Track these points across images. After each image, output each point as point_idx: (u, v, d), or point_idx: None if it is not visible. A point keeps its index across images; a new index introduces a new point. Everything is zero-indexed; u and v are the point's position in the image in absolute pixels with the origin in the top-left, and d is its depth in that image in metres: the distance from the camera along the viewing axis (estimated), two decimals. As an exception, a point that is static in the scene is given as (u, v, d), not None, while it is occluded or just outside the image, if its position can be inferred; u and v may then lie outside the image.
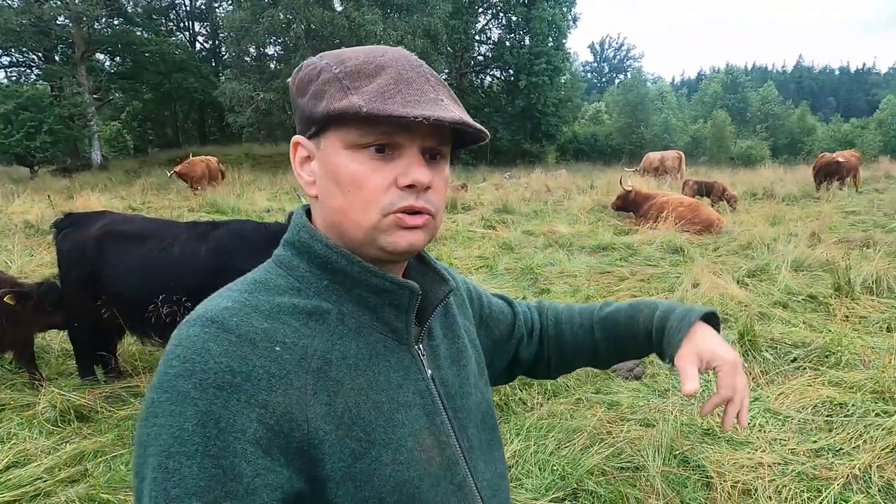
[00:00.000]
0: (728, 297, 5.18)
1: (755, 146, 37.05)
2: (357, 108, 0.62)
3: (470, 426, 0.77)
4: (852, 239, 7.37)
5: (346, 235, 0.69)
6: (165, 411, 0.55)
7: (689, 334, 0.87)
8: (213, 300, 0.65)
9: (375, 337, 0.69)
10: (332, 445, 0.59)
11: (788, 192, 13.36)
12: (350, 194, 0.66)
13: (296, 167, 0.72)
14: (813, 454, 2.88)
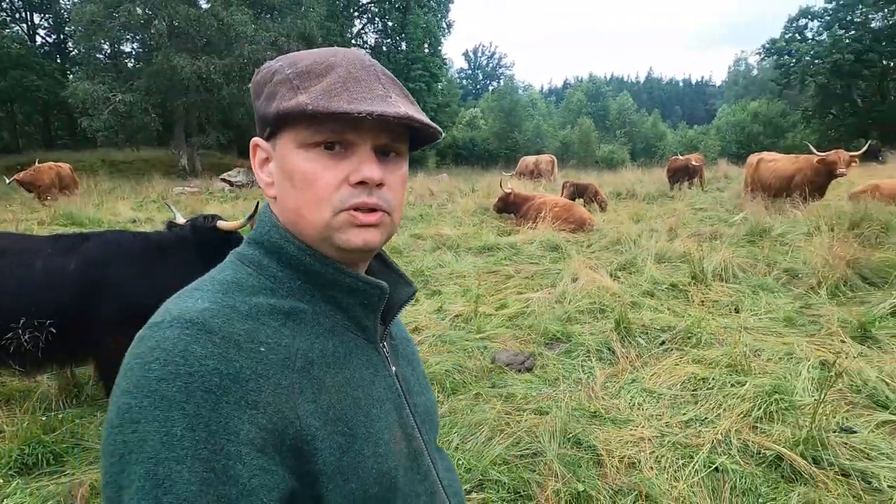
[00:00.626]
0: (603, 290, 5.61)
1: (616, 150, 40.34)
2: (303, 107, 0.63)
3: (426, 421, 0.81)
4: (702, 232, 8.28)
5: (303, 234, 0.70)
6: (149, 417, 0.53)
7: None
8: (183, 301, 0.63)
9: (348, 336, 0.70)
10: (323, 441, 0.60)
11: (647, 192, 14.70)
12: (303, 192, 0.67)
13: (256, 169, 0.73)
14: (684, 425, 3.22)
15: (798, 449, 2.81)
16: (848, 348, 3.94)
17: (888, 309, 4.68)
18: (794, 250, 6.66)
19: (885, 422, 3.12)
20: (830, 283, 5.35)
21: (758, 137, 37.80)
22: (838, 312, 4.67)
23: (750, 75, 71.12)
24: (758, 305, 5.12)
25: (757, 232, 7.75)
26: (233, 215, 11.77)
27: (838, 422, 3.09)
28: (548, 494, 2.60)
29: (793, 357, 3.93)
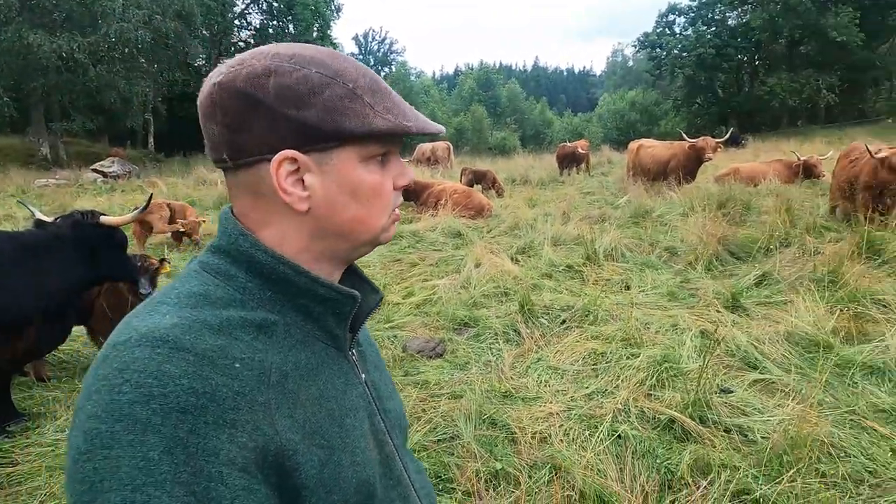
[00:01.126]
0: (506, 273, 5.81)
1: (508, 137, 41.62)
2: (406, 128, 0.68)
3: (396, 427, 0.81)
4: (592, 215, 8.80)
5: (356, 240, 0.72)
6: (122, 441, 0.49)
7: None
8: (149, 317, 0.58)
9: (318, 346, 0.69)
10: (304, 455, 0.59)
11: (539, 178, 15.34)
12: (371, 203, 0.70)
13: (280, 182, 0.65)
14: (587, 398, 3.43)
15: (687, 411, 3.10)
16: (723, 317, 4.39)
17: (753, 280, 5.26)
18: (672, 230, 7.27)
19: (756, 381, 3.52)
20: (705, 258, 5.91)
21: (635, 125, 40.64)
22: (713, 285, 5.17)
23: (627, 66, 76.03)
24: (645, 282, 5.54)
25: (640, 213, 8.36)
26: (109, 208, 10.83)
27: (718, 384, 3.44)
28: (468, 475, 2.68)
29: (677, 328, 4.31)
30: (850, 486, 2.53)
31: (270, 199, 0.67)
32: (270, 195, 0.66)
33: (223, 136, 0.66)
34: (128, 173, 17.42)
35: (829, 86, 31.64)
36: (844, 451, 2.74)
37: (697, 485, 2.58)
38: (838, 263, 5.06)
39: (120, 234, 3.53)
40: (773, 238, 6.27)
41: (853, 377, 3.44)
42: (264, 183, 0.66)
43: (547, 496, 2.54)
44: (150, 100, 27.03)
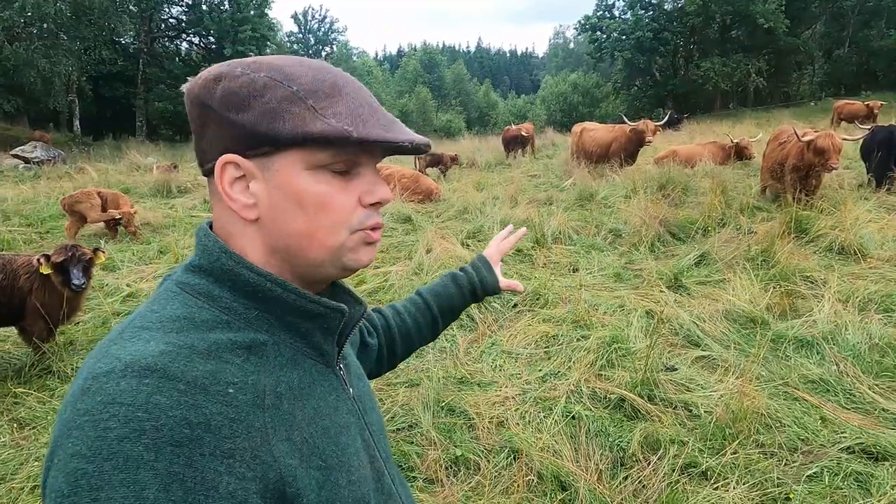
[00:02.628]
0: (456, 258, 5.84)
1: (453, 119, 41.57)
2: (346, 134, 0.61)
3: (381, 438, 0.80)
4: (539, 199, 8.93)
5: (305, 258, 0.66)
6: (113, 482, 0.46)
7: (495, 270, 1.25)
8: (132, 344, 0.55)
9: (308, 363, 0.67)
10: (303, 479, 0.57)
11: (486, 160, 15.42)
12: (317, 216, 0.64)
13: (224, 188, 0.63)
14: (541, 381, 3.52)
15: (636, 390, 3.23)
16: (666, 297, 4.57)
17: (692, 260, 5.49)
18: (616, 212, 7.48)
19: (698, 358, 3.70)
20: (647, 240, 6.12)
21: (577, 107, 41.35)
22: (655, 266, 5.37)
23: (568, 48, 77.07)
24: (592, 264, 5.70)
25: (585, 196, 8.55)
26: (34, 198, 10.16)
27: (663, 362, 3.59)
28: (428, 463, 2.71)
29: (624, 309, 4.47)
30: (785, 454, 2.71)
31: (226, 207, 0.66)
32: (225, 204, 0.66)
33: (195, 143, 0.67)
34: (53, 159, 16.33)
35: (757, 70, 33.12)
36: (780, 422, 2.93)
37: (648, 460, 2.70)
38: (770, 243, 5.36)
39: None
40: (710, 219, 6.56)
41: (785, 351, 3.67)
42: (218, 190, 0.65)
43: (507, 479, 2.61)
44: (74, 79, 25.41)
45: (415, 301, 1.18)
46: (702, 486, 2.51)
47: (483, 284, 1.21)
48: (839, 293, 4.36)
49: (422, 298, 1.18)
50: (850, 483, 2.51)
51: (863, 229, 5.71)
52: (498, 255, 1.27)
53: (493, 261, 1.26)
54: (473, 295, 1.21)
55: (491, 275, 1.22)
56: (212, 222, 0.72)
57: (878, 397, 3.09)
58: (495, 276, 1.23)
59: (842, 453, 2.69)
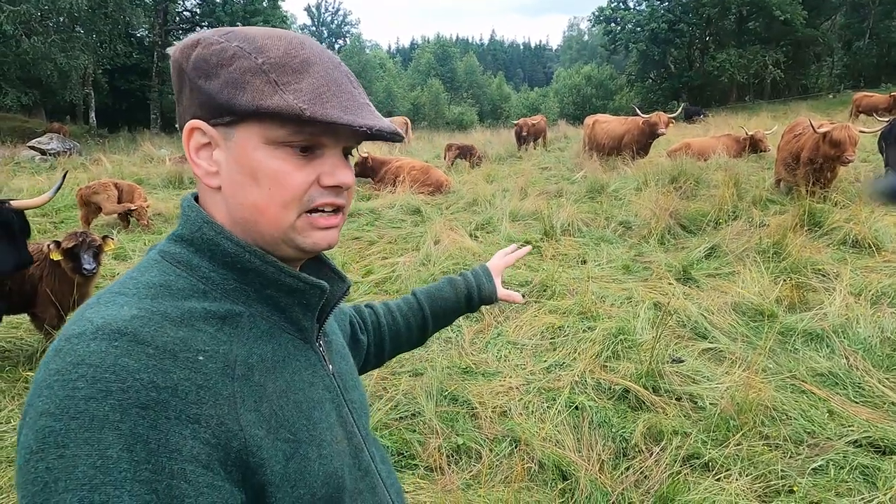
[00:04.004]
0: (465, 250, 5.84)
1: (466, 112, 41.41)
2: (298, 111, 0.60)
3: (362, 416, 0.80)
4: (549, 191, 8.89)
5: (260, 233, 0.66)
6: (78, 440, 0.48)
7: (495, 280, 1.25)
8: (106, 308, 0.56)
9: (285, 337, 0.67)
10: (268, 450, 0.58)
11: (497, 153, 15.35)
12: (270, 192, 0.64)
13: (190, 154, 0.65)
14: (545, 371, 3.51)
15: (641, 381, 3.21)
16: (674, 289, 4.53)
17: (703, 252, 5.44)
18: (626, 204, 7.42)
19: (705, 350, 3.66)
20: (657, 232, 6.07)
21: (591, 99, 40.98)
22: (665, 258, 5.33)
23: (582, 40, 76.39)
24: (600, 256, 5.66)
25: (596, 188, 8.49)
26: (49, 188, 10.27)
27: (669, 354, 3.57)
28: (430, 451, 2.71)
29: (632, 300, 4.44)
30: (790, 446, 2.68)
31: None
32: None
33: (176, 109, 0.69)
34: (69, 150, 16.53)
35: (774, 61, 32.59)
36: (786, 414, 2.90)
37: (650, 451, 2.69)
38: (782, 235, 5.28)
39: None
40: (722, 211, 6.48)
41: (794, 344, 3.62)
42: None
43: (508, 468, 2.60)
44: (90, 73, 25.66)
45: (408, 301, 1.18)
46: (704, 478, 2.49)
47: (480, 291, 1.21)
48: (851, 286, 4.29)
49: (415, 299, 1.18)
50: (855, 476, 2.48)
51: (878, 223, 5.61)
52: (502, 267, 1.28)
53: (495, 271, 1.26)
54: (469, 301, 1.20)
55: (490, 283, 1.23)
56: (197, 194, 0.73)
57: (888, 391, 3.05)
58: (494, 286, 1.23)
59: (848, 446, 2.66)
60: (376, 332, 1.12)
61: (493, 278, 1.24)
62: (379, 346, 1.13)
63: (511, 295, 1.25)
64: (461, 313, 1.22)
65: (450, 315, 1.20)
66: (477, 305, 1.22)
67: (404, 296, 1.20)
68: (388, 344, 1.13)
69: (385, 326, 1.13)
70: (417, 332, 1.17)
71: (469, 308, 1.21)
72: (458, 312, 1.21)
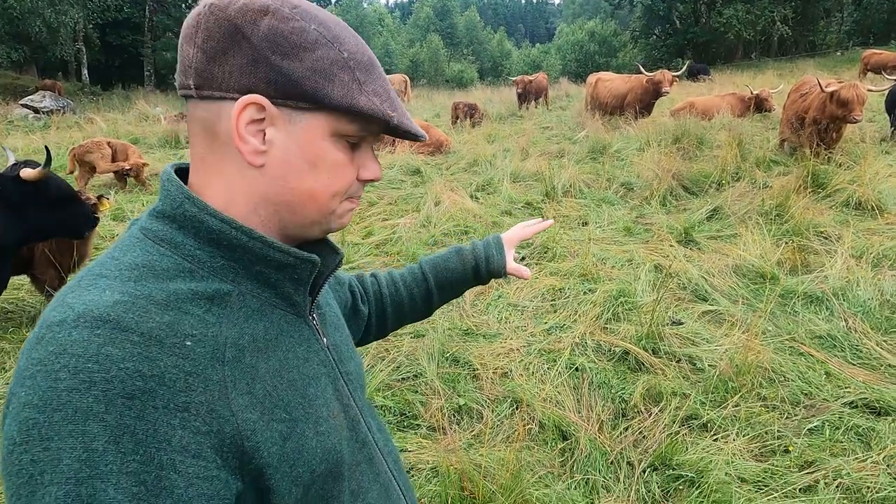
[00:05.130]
0: (465, 211, 5.80)
1: (465, 69, 40.58)
2: (387, 117, 0.64)
3: (358, 387, 0.79)
4: (550, 151, 8.78)
5: (300, 215, 0.66)
6: (62, 433, 0.46)
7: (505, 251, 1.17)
8: (86, 293, 0.53)
9: (277, 314, 0.65)
10: (263, 433, 0.56)
11: (498, 112, 15.11)
12: (328, 181, 0.65)
13: (240, 128, 0.60)
14: (546, 333, 3.53)
15: (640, 343, 3.24)
16: (675, 251, 4.52)
17: (704, 214, 5.41)
18: (629, 165, 7.34)
19: (705, 312, 3.68)
20: (659, 193, 6.02)
21: (593, 56, 40.12)
22: (666, 220, 5.30)
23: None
24: (601, 218, 5.64)
25: (598, 149, 8.38)
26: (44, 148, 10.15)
27: (669, 316, 3.58)
28: (432, 412, 2.75)
29: (632, 263, 4.43)
30: (787, 408, 2.72)
31: (225, 144, 0.62)
32: (226, 140, 0.61)
33: (197, 61, 0.61)
34: (62, 108, 16.26)
35: (782, 17, 31.76)
36: (783, 376, 2.93)
37: (649, 412, 2.73)
38: (785, 197, 5.25)
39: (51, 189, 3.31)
40: (725, 172, 6.42)
41: (794, 306, 3.64)
42: (222, 124, 0.61)
43: (509, 428, 2.65)
44: (80, 27, 25.00)
45: (413, 271, 1.14)
46: (702, 438, 2.54)
47: (488, 264, 1.15)
48: (853, 249, 4.29)
49: (420, 269, 1.14)
50: (850, 437, 2.52)
51: (882, 184, 5.57)
52: (516, 240, 1.21)
53: (509, 243, 1.19)
54: (476, 273, 1.15)
55: (499, 256, 1.16)
56: (177, 166, 0.69)
57: (885, 353, 3.07)
58: (503, 259, 1.16)
59: (844, 408, 2.70)
60: (378, 303, 1.10)
61: (503, 250, 1.17)
62: (381, 317, 1.10)
63: (519, 270, 1.18)
64: (469, 285, 1.17)
65: (457, 286, 1.16)
66: (486, 278, 1.16)
67: (409, 265, 1.16)
68: (390, 315, 1.11)
69: (387, 297, 1.10)
70: (422, 304, 1.14)
71: (477, 280, 1.16)
72: (465, 284, 1.16)
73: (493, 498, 2.13)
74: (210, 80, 0.60)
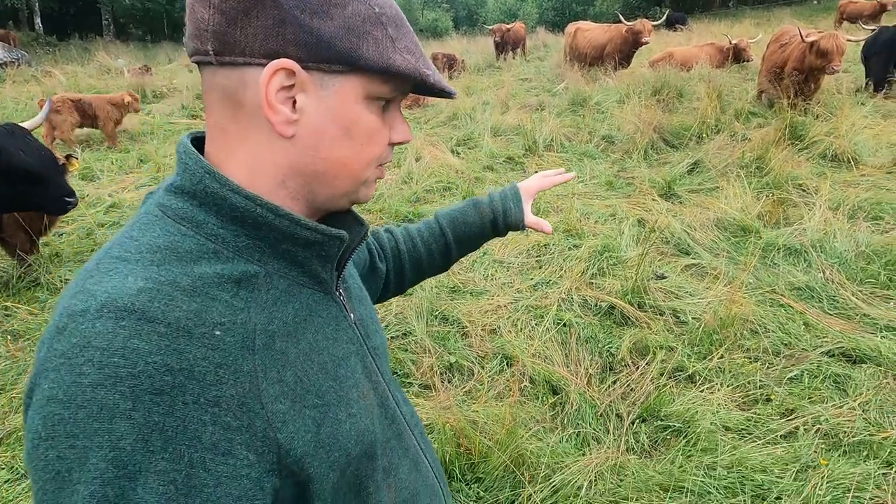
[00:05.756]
0: (447, 167, 5.74)
1: (440, 17, 39.43)
2: (423, 76, 0.60)
3: (384, 361, 0.77)
4: (530, 104, 8.65)
5: (332, 186, 0.62)
6: (88, 431, 0.44)
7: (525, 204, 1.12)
8: (109, 279, 0.49)
9: (305, 293, 0.61)
10: (296, 422, 0.54)
11: (475, 63, 14.78)
12: (361, 147, 0.61)
13: (269, 96, 0.55)
14: (532, 289, 3.56)
15: (626, 298, 3.29)
16: (658, 205, 4.55)
17: (685, 168, 5.44)
18: (609, 118, 7.29)
19: (688, 265, 3.74)
20: (640, 147, 6.01)
21: (571, 5, 39.21)
22: (648, 174, 5.31)
23: (562, -62, 71.89)
24: (584, 172, 5.62)
25: (578, 101, 8.29)
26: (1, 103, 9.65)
27: (653, 270, 3.63)
28: (423, 370, 2.77)
29: (616, 217, 4.46)
30: (769, 358, 2.80)
31: (250, 114, 0.57)
32: (252, 109, 0.56)
33: (215, 24, 0.55)
34: (16, 61, 15.39)
35: (761, -37, 31.34)
36: (764, 327, 3.01)
37: (636, 365, 2.79)
38: (764, 150, 5.29)
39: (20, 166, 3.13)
40: (705, 125, 6.42)
41: (774, 259, 3.71)
42: (248, 92, 0.56)
43: (501, 384, 2.68)
44: (29, -29, 23.51)
45: (430, 226, 1.10)
46: (688, 389, 2.61)
47: (506, 216, 1.09)
48: (830, 201, 4.37)
49: (437, 224, 1.10)
50: (828, 384, 2.62)
51: (857, 136, 5.64)
52: (534, 190, 1.14)
53: (527, 194, 1.13)
54: (494, 226, 1.10)
55: (517, 208, 1.10)
56: (194, 134, 0.64)
57: (860, 303, 3.17)
58: (521, 212, 1.11)
59: (822, 357, 2.79)
60: (396, 260, 1.06)
61: (521, 202, 1.11)
62: (399, 275, 1.07)
63: (539, 223, 1.11)
64: (488, 238, 1.12)
65: (475, 240, 1.11)
66: (504, 231, 1.12)
67: (425, 219, 1.12)
68: (408, 272, 1.08)
69: (405, 253, 1.07)
70: (440, 259, 1.10)
71: (495, 233, 1.12)
72: (483, 237, 1.12)
73: (490, 453, 2.17)
74: (231, 44, 0.54)
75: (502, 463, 2.14)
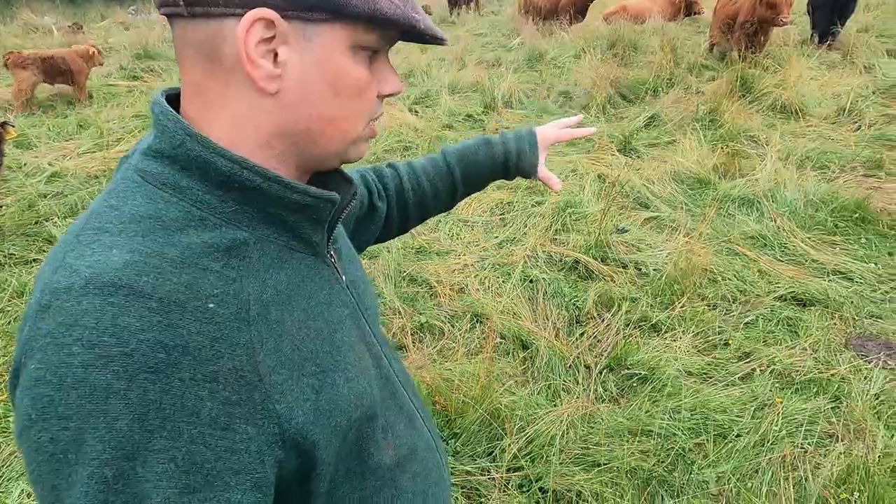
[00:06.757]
0: (406, 126, 5.63)
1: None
2: (413, 22, 0.56)
3: (376, 321, 0.75)
4: (486, 60, 8.54)
5: (319, 145, 0.58)
6: (81, 412, 0.42)
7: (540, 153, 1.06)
8: (91, 253, 0.46)
9: (296, 258, 0.59)
10: (294, 391, 0.52)
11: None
12: (349, 102, 0.56)
13: (248, 49, 0.50)
14: (498, 247, 3.58)
15: (590, 252, 3.35)
16: (617, 160, 4.61)
17: (643, 122, 5.50)
18: (566, 73, 7.27)
19: (647, 219, 3.83)
20: (598, 102, 6.04)
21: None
22: (607, 129, 5.35)
23: None
24: (543, 129, 5.61)
25: (534, 56, 8.21)
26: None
27: (615, 224, 3.70)
28: (394, 331, 2.78)
29: (577, 173, 4.49)
30: (726, 304, 2.93)
31: (230, 69, 0.52)
32: (231, 64, 0.52)
33: None
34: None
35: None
36: (722, 276, 3.13)
37: (602, 317, 2.87)
38: (717, 103, 5.39)
39: None
40: (660, 79, 6.48)
41: (729, 210, 3.84)
42: (225, 46, 0.51)
43: (471, 341, 2.72)
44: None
45: (435, 163, 1.04)
46: (652, 338, 2.71)
47: (520, 160, 1.03)
48: (780, 152, 4.51)
49: (444, 160, 1.04)
50: (781, 328, 2.76)
51: (804, 87, 5.81)
52: (551, 141, 1.08)
53: (543, 142, 1.07)
54: (505, 168, 1.05)
55: (532, 154, 1.04)
56: (167, 92, 0.59)
57: (809, 249, 3.32)
58: (536, 157, 1.04)
59: (775, 301, 2.93)
60: (399, 199, 1.01)
61: (537, 149, 1.05)
62: (402, 214, 1.03)
63: (551, 179, 1.05)
64: (496, 179, 1.08)
65: (484, 181, 1.07)
66: (513, 174, 1.06)
67: (430, 155, 1.06)
68: (412, 211, 1.03)
69: (409, 191, 1.02)
70: (446, 198, 1.05)
71: (505, 175, 1.07)
72: (493, 178, 1.07)
73: (465, 409, 2.21)
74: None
75: (479, 417, 2.18)
